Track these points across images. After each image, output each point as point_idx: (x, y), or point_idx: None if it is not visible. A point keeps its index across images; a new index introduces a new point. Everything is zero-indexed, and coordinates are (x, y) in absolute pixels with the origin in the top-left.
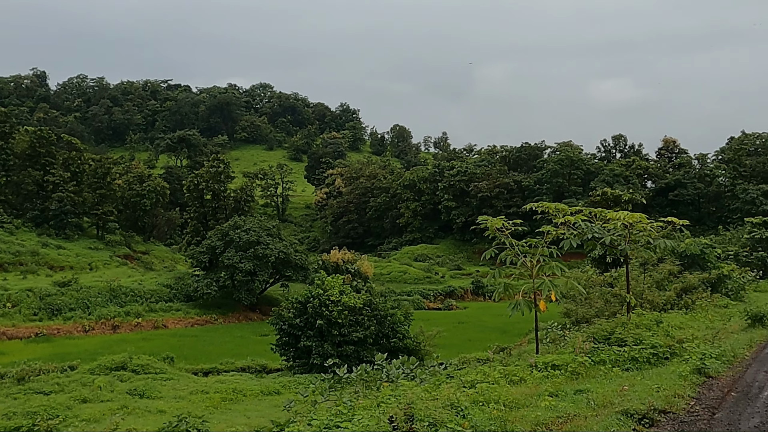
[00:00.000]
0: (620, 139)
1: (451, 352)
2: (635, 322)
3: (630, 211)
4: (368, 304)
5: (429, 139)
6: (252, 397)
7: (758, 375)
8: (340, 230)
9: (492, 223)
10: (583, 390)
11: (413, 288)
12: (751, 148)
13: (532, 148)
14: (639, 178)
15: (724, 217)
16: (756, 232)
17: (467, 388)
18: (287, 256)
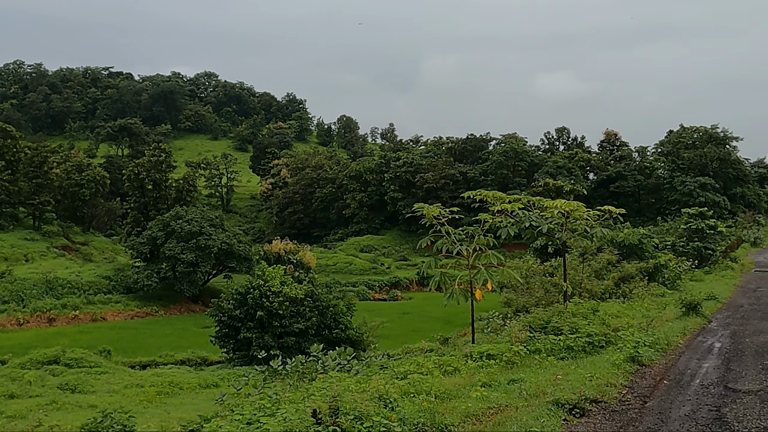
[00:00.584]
0: (563, 132)
1: (395, 343)
2: (572, 310)
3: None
4: (310, 295)
5: (376, 130)
6: (189, 391)
7: (690, 363)
8: (286, 221)
9: (428, 211)
10: (516, 380)
11: (359, 279)
12: (689, 142)
13: (477, 140)
14: (581, 170)
15: (663, 208)
16: (692, 223)
17: (399, 380)
18: (230, 247)
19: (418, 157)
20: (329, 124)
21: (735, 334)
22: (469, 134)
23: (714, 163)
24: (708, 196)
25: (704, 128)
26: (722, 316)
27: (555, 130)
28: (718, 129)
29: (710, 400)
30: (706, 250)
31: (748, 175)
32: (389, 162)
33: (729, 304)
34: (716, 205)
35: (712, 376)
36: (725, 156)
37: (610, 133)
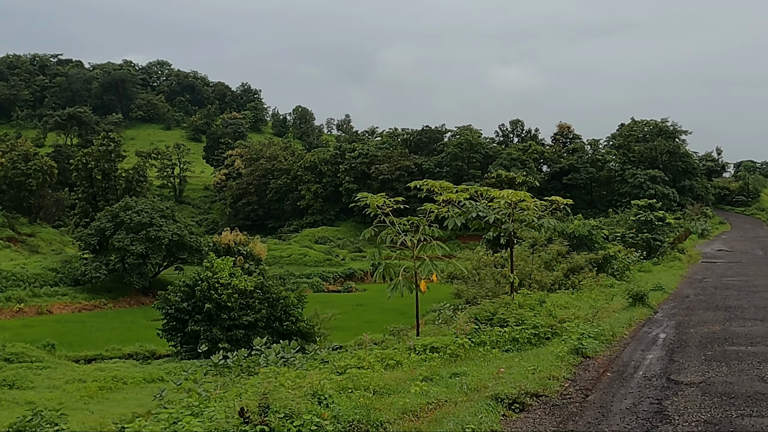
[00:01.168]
0: (518, 124)
1: (348, 335)
2: (519, 302)
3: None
4: (260, 286)
5: (332, 122)
6: (133, 386)
7: (635, 354)
8: (240, 212)
9: (372, 200)
10: (459, 373)
11: (313, 270)
12: (640, 135)
13: (433, 132)
14: (535, 162)
15: (615, 200)
16: (641, 215)
17: (338, 375)
18: (182, 239)
19: (373, 149)
20: (285, 115)
21: (680, 325)
22: (425, 126)
23: (664, 156)
24: (658, 189)
25: (654, 122)
26: (668, 306)
27: (509, 122)
28: (667, 123)
29: (652, 392)
30: (654, 242)
31: (697, 168)
32: (344, 153)
33: (675, 294)
34: (666, 198)
35: (656, 367)
36: (674, 149)
37: (564, 125)
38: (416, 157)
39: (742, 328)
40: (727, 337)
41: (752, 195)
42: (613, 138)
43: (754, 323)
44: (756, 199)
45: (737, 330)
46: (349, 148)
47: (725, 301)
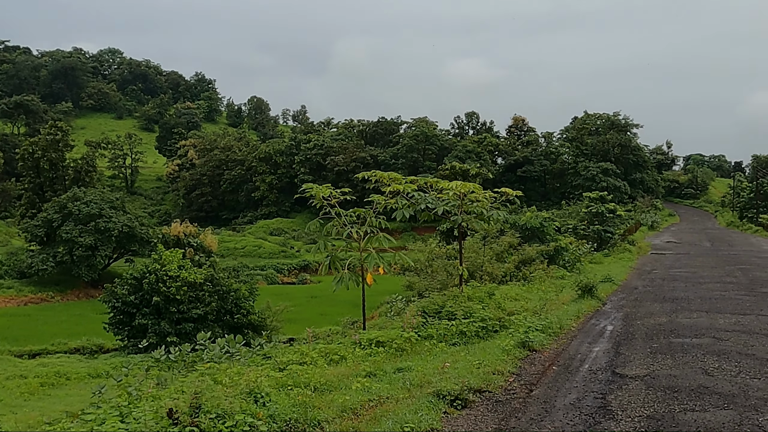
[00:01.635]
0: (473, 116)
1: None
2: (468, 294)
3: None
4: (210, 279)
5: (288, 112)
6: (77, 381)
7: (581, 347)
8: (193, 203)
9: (317, 191)
10: (404, 368)
11: (267, 262)
12: (592, 128)
13: (388, 123)
14: (490, 155)
15: (568, 192)
16: (593, 207)
17: (279, 371)
18: (132, 230)
19: (329, 140)
20: (239, 105)
21: (627, 317)
22: (381, 118)
23: (615, 149)
24: (610, 181)
25: (607, 115)
26: (617, 298)
27: (465, 114)
28: (619, 116)
29: (597, 386)
30: (605, 233)
31: (647, 161)
32: (300, 144)
33: (624, 286)
34: (617, 190)
35: (602, 360)
36: (626, 142)
37: (518, 118)
38: (372, 148)
39: (688, 320)
40: (673, 329)
41: (701, 188)
42: (567, 131)
43: (700, 315)
44: (704, 191)
45: (683, 322)
46: (304, 139)
47: (672, 293)
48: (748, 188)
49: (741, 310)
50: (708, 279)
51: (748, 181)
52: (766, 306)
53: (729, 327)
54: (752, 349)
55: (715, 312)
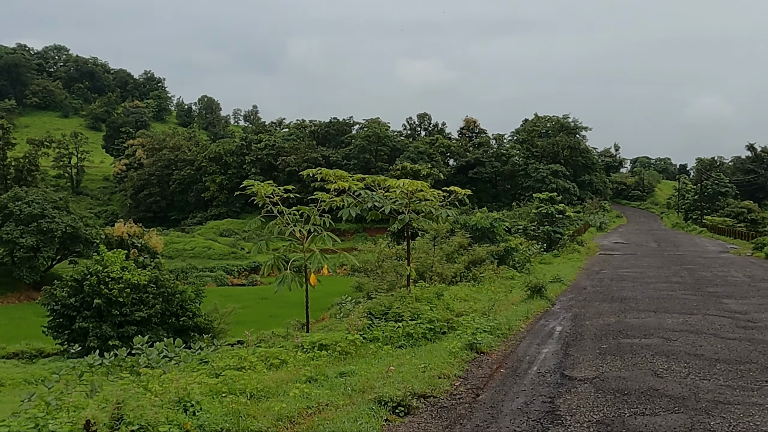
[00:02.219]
0: (425, 118)
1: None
2: (416, 295)
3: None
4: (154, 281)
5: (239, 112)
6: (11, 388)
7: (530, 349)
8: (141, 204)
9: (260, 189)
10: (346, 373)
11: (217, 264)
12: (543, 130)
13: (341, 124)
14: (442, 156)
15: (518, 193)
16: (543, 208)
17: (215, 377)
18: (76, 231)
19: (280, 140)
20: (190, 105)
21: (576, 317)
22: (333, 118)
23: (565, 152)
24: (559, 183)
25: (557, 118)
26: (566, 298)
27: (417, 115)
28: (569, 119)
29: (545, 390)
30: (555, 234)
31: (596, 163)
32: (250, 144)
33: (573, 286)
34: (566, 192)
35: (550, 362)
36: (575, 145)
37: (470, 120)
38: (324, 149)
39: (636, 320)
40: (621, 329)
41: (647, 190)
42: (518, 133)
43: (648, 315)
44: (650, 193)
45: (632, 322)
46: (255, 139)
47: (621, 293)
48: (692, 190)
49: (688, 309)
50: (655, 279)
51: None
52: (712, 305)
53: (677, 327)
54: (700, 349)
55: (663, 312)
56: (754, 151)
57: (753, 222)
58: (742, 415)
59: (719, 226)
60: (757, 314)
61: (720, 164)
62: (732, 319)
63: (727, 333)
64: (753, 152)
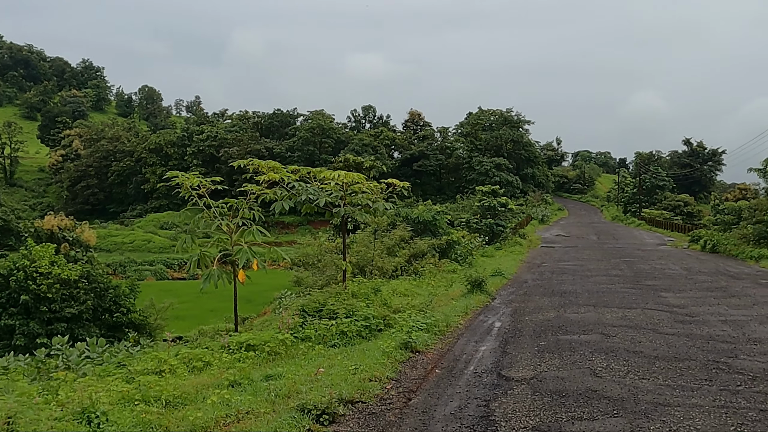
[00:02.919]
0: (370, 110)
1: (190, 324)
2: (352, 291)
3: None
4: (86, 276)
5: (181, 103)
6: None
7: (467, 346)
8: (79, 196)
9: (184, 180)
10: (273, 375)
11: (157, 257)
12: (486, 124)
13: (284, 115)
14: (387, 148)
15: (462, 186)
16: (485, 200)
17: (129, 382)
18: (7, 224)
19: (222, 131)
20: (130, 95)
21: (516, 312)
22: (276, 109)
23: (508, 145)
24: (503, 176)
25: (500, 111)
26: (506, 292)
27: (361, 108)
28: (512, 112)
29: (481, 392)
30: (497, 227)
31: (538, 156)
32: (192, 135)
33: (514, 279)
34: (509, 185)
35: (487, 361)
36: (518, 138)
37: (414, 113)
38: (267, 140)
39: (576, 315)
40: (561, 324)
41: (588, 183)
42: (462, 126)
43: (587, 309)
44: (591, 186)
45: (571, 317)
46: (197, 130)
47: (561, 286)
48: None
49: (627, 303)
50: (595, 272)
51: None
52: (650, 299)
53: (616, 322)
54: (639, 345)
55: (603, 306)
56: (690, 145)
57: (689, 215)
58: (683, 419)
59: (657, 219)
60: (694, 308)
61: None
62: (671, 313)
63: (665, 328)
64: (689, 147)
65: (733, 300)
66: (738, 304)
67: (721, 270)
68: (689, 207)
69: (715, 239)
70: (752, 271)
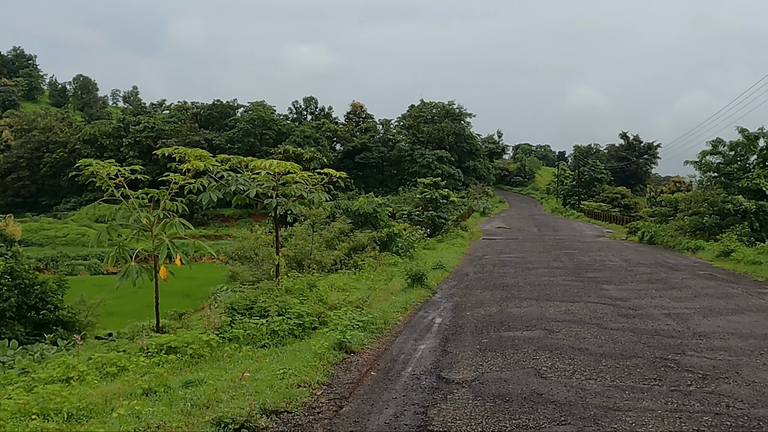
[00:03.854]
0: (311, 101)
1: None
2: (286, 286)
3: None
4: (9, 272)
5: (118, 93)
6: None
7: (406, 345)
8: (9, 188)
9: (100, 168)
10: (194, 381)
11: (92, 251)
12: (428, 116)
13: (224, 106)
14: (329, 141)
15: (405, 179)
16: (427, 192)
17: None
18: None
19: (160, 122)
20: (64, 84)
21: (457, 307)
22: (216, 100)
23: (450, 138)
24: (444, 168)
25: (442, 104)
26: (447, 286)
27: (303, 99)
28: (454, 105)
29: (419, 397)
30: (439, 219)
31: (480, 149)
32: (128, 126)
33: (456, 272)
34: (451, 177)
35: (427, 361)
36: (460, 131)
37: (357, 105)
38: (207, 132)
39: (518, 309)
40: (503, 320)
41: (528, 176)
42: (404, 118)
43: (530, 303)
44: (531, 179)
45: (514, 312)
46: (134, 120)
47: (503, 279)
48: (570, 176)
49: (570, 297)
50: (536, 264)
51: (570, 170)
52: (593, 292)
53: (559, 317)
54: (584, 342)
55: (545, 300)
56: (626, 139)
57: (626, 207)
58: (635, 425)
59: (595, 211)
60: (637, 300)
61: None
62: (614, 307)
63: (610, 323)
64: (626, 140)
65: (674, 292)
66: (679, 296)
67: (659, 261)
68: (626, 199)
69: (653, 231)
70: (689, 263)
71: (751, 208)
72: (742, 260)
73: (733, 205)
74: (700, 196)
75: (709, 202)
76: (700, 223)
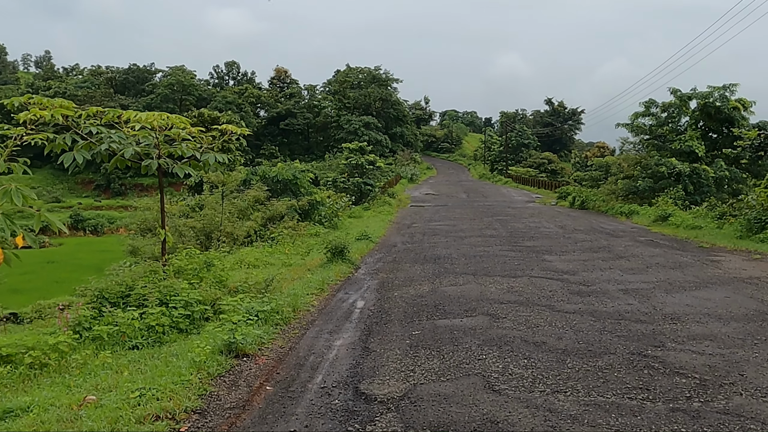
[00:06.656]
0: (233, 66)
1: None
2: (176, 267)
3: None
4: None
5: (29, 58)
6: None
7: (318, 342)
8: None
9: None
10: (14, 411)
11: None
12: (355, 82)
13: (141, 71)
14: (252, 107)
15: (331, 146)
16: (353, 158)
17: None
18: None
19: (72, 88)
20: None
21: (383, 286)
22: (132, 64)
23: (377, 103)
24: (371, 135)
25: (368, 69)
26: (373, 259)
27: (225, 64)
28: (380, 71)
29: (328, 427)
30: (365, 186)
31: (407, 115)
32: (38, 92)
33: (383, 243)
34: (378, 144)
35: (342, 366)
36: (387, 96)
37: (281, 70)
38: (123, 97)
39: (454, 287)
40: (437, 302)
41: (455, 142)
42: (330, 84)
43: (467, 279)
44: (459, 146)
45: (448, 291)
46: (44, 86)
47: (434, 250)
48: (497, 142)
49: (510, 270)
50: (469, 232)
51: (497, 136)
52: (535, 264)
53: (503, 297)
54: (538, 332)
55: (484, 274)
56: (551, 105)
57: (553, 172)
58: None
59: (523, 177)
60: (585, 274)
61: (522, 117)
62: (562, 282)
63: (563, 303)
64: (551, 106)
65: (623, 262)
66: (630, 267)
67: (595, 227)
68: (553, 164)
69: (584, 195)
70: (627, 228)
71: (685, 171)
72: (681, 225)
73: (666, 167)
74: (632, 159)
75: (642, 165)
76: (634, 186)
